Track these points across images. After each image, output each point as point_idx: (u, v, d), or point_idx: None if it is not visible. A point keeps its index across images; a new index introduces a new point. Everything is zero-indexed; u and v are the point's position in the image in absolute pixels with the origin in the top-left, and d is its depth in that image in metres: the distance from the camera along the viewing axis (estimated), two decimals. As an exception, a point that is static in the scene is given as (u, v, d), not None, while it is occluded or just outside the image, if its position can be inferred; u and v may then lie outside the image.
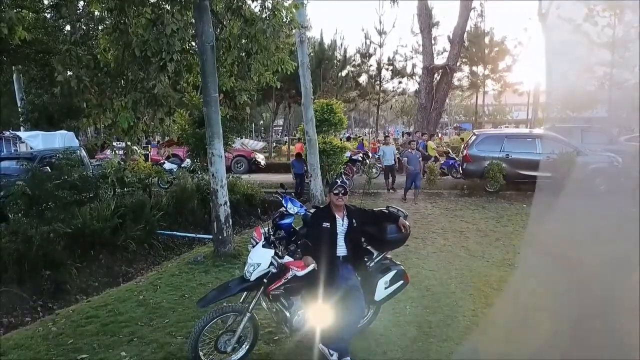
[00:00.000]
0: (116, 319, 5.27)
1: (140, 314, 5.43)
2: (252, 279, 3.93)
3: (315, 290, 4.05)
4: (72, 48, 6.12)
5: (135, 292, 6.22)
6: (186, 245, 9.83)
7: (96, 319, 5.35)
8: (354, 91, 31.63)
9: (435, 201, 12.56)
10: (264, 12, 7.32)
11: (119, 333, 4.93)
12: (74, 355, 4.45)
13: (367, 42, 29.83)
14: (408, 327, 4.88)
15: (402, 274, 4.46)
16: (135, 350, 4.52)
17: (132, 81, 6.98)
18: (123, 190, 10.49)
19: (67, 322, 5.33)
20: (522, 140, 13.48)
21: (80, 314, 5.55)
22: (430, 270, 6.76)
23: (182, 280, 6.59)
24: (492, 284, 6.12)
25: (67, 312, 5.70)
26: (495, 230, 9.17)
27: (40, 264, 7.42)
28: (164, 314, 5.40)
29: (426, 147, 17.19)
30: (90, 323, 5.23)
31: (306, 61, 11.66)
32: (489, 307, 5.36)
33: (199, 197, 11.37)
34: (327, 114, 13.84)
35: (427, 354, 4.26)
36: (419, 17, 20.55)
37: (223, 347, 3.97)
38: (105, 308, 5.67)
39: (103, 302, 5.93)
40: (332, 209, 4.28)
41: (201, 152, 12.47)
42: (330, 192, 4.29)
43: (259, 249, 4.03)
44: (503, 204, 11.83)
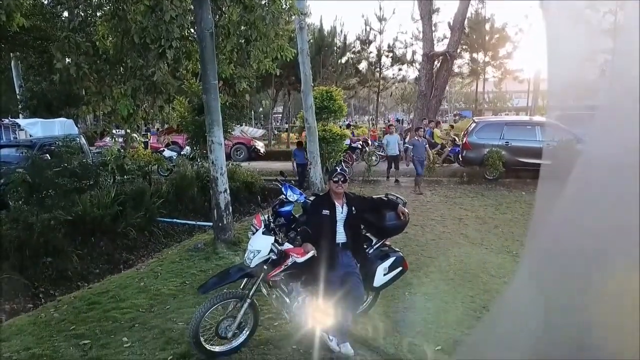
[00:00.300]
0: (118, 305, 5.32)
1: (142, 300, 5.48)
2: (252, 265, 3.97)
3: (315, 276, 4.09)
4: (70, 35, 6.08)
5: (136, 279, 6.27)
6: (186, 232, 9.86)
7: (98, 305, 5.40)
8: (354, 78, 31.43)
9: (435, 189, 12.59)
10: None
11: (121, 319, 4.98)
12: (77, 341, 4.51)
13: (367, 29, 29.61)
14: (406, 313, 4.93)
15: (401, 260, 4.49)
16: (137, 335, 4.58)
17: (131, 68, 6.95)
18: (123, 177, 10.50)
19: (69, 308, 5.38)
20: (521, 128, 13.45)
21: (82, 300, 5.60)
22: (429, 257, 6.81)
23: (182, 267, 6.64)
24: (490, 271, 6.17)
25: (69, 299, 5.76)
26: (494, 217, 9.21)
27: (41, 251, 7.45)
28: (165, 301, 5.45)
29: (432, 135, 17.09)
30: (92, 309, 5.28)
31: (306, 48, 11.60)
32: (487, 293, 5.41)
33: (199, 184, 11.39)
34: (327, 101, 13.79)
35: (426, 340, 4.31)
36: (419, 3, 20.37)
37: (224, 332, 4.02)
38: (106, 294, 5.72)
39: (104, 288, 5.99)
40: (332, 197, 4.30)
41: (201, 139, 12.44)
42: (330, 180, 4.31)
43: (259, 236, 4.06)
44: (502, 192, 11.86)
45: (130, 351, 4.28)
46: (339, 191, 4.23)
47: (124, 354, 4.23)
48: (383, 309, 4.97)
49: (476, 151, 13.31)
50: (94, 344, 4.44)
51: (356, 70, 30.68)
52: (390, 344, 4.26)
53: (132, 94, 6.45)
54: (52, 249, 7.60)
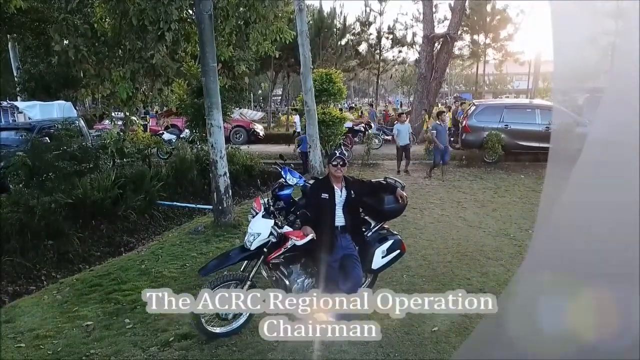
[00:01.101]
0: (119, 288, 5.39)
1: (143, 282, 5.55)
2: (252, 248, 4.02)
3: (314, 259, 4.15)
4: (68, 17, 6.03)
5: (137, 261, 6.34)
6: (186, 215, 9.90)
7: (100, 287, 5.47)
8: (354, 60, 31.24)
9: (434, 172, 12.60)
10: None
11: (122, 301, 5.05)
12: (80, 322, 4.58)
13: (367, 10, 29.34)
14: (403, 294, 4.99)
15: (399, 243, 4.54)
16: (138, 317, 4.64)
17: (130, 51, 6.92)
18: (122, 160, 10.51)
19: (72, 290, 5.45)
20: (521, 111, 13.42)
21: (84, 282, 5.68)
22: (427, 240, 6.86)
23: (183, 250, 6.70)
24: (487, 253, 6.23)
25: (71, 281, 5.83)
26: (493, 200, 9.25)
27: (42, 234, 7.50)
28: (166, 283, 5.51)
29: (463, 116, 16.80)
30: (94, 291, 5.36)
31: (305, 30, 11.49)
32: (484, 275, 5.48)
33: (199, 167, 11.40)
34: (327, 83, 13.71)
35: (421, 320, 4.38)
36: (420, -16, 20.15)
37: (224, 314, 4.09)
38: (108, 277, 5.79)
39: (106, 271, 6.06)
40: (331, 180, 4.33)
41: (200, 122, 12.41)
42: (329, 164, 4.33)
43: (259, 219, 4.10)
44: (501, 175, 11.89)
45: (132, 332, 4.35)
46: (338, 175, 4.25)
47: (127, 335, 4.30)
48: (381, 290, 5.03)
49: (475, 134, 13.31)
50: (97, 325, 4.52)
51: (356, 52, 30.47)
52: (389, 326, 4.33)
53: (131, 76, 6.43)
54: (53, 231, 7.65)
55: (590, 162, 1.94)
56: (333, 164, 4.25)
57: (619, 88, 1.93)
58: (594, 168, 1.97)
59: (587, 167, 1.95)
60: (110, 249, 8.06)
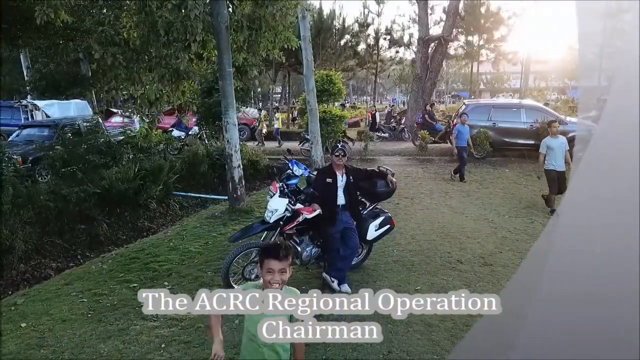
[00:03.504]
0: (155, 260, 6.39)
1: (173, 256, 6.54)
2: (271, 221, 5.02)
3: (321, 230, 5.15)
4: (106, 29, 7.00)
5: (166, 240, 7.34)
6: (199, 205, 10.84)
7: (138, 260, 6.47)
8: (352, 60, 32.17)
9: (426, 166, 13.63)
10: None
11: (159, 269, 6.05)
12: (127, 285, 5.58)
13: (365, 12, 30.30)
14: (394, 265, 6.00)
15: (389, 219, 5.56)
16: (174, 281, 5.65)
17: (156, 57, 7.87)
18: (141, 155, 11.46)
19: (114, 262, 6.45)
20: (507, 110, 14.45)
21: (124, 256, 6.67)
22: (416, 223, 7.87)
23: (203, 231, 7.70)
24: (467, 233, 7.24)
25: (112, 255, 6.83)
26: (477, 191, 10.27)
27: (76, 219, 8.47)
28: (193, 257, 6.51)
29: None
30: (133, 263, 6.35)
31: (307, 35, 12.46)
32: (462, 250, 6.49)
33: (209, 161, 12.35)
34: (327, 84, 14.73)
35: (407, 282, 5.39)
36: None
37: (248, 275, 5.09)
38: (143, 252, 6.79)
39: (140, 248, 7.06)
40: (334, 168, 5.33)
41: (209, 120, 13.39)
42: (332, 154, 5.33)
43: (276, 198, 5.11)
44: (488, 169, 12.89)
45: (172, 292, 5.34)
46: (339, 163, 5.25)
47: (168, 293, 5.29)
48: (375, 262, 6.05)
49: (465, 131, 14.28)
50: (141, 286, 5.51)
51: (354, 52, 31.38)
52: (380, 286, 5.33)
53: (159, 80, 7.39)
54: (84, 217, 8.61)
55: (594, 161, 1.92)
56: (335, 154, 5.24)
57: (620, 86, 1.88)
58: (598, 166, 1.93)
59: (591, 166, 1.94)
60: (134, 234, 9.00)
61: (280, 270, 2.44)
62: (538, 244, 2.41)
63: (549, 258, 2.02)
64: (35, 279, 6.38)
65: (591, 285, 1.93)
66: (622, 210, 1.84)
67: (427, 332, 4.30)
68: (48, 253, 7.49)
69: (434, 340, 4.17)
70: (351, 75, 36.23)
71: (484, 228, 7.53)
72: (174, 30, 6.82)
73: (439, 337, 4.21)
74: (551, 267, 1.99)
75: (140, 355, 4.04)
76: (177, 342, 4.22)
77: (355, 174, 5.42)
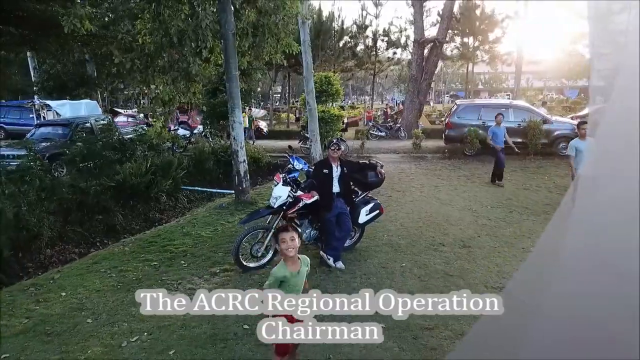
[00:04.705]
0: (171, 243, 7.16)
1: (187, 240, 7.32)
2: (275, 206, 5.80)
3: (318, 215, 5.93)
4: (125, 36, 7.78)
5: (179, 227, 8.11)
6: (205, 199, 11.63)
7: (155, 243, 7.24)
8: (351, 61, 32.95)
9: (419, 163, 14.41)
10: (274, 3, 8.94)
11: (175, 251, 6.82)
12: (148, 263, 6.36)
13: (363, 14, 31.08)
14: (384, 247, 6.78)
15: (378, 205, 6.34)
16: (190, 260, 6.43)
17: (168, 61, 8.65)
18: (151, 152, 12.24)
19: (134, 245, 7.23)
20: (496, 110, 15.16)
21: (143, 240, 7.45)
22: (405, 212, 8.64)
23: (213, 220, 8.48)
24: (451, 221, 8.02)
25: (131, 240, 7.61)
26: (465, 185, 11.05)
27: (94, 210, 9.24)
28: (205, 241, 7.28)
29: None
30: (152, 246, 7.13)
31: (307, 40, 13.24)
32: (445, 235, 7.27)
33: (214, 158, 13.14)
34: (326, 85, 15.51)
35: (394, 260, 6.17)
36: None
37: (255, 253, 5.87)
38: (159, 237, 7.56)
39: (156, 233, 7.83)
40: (330, 160, 6.10)
41: (214, 119, 14.16)
42: (329, 149, 6.10)
43: (280, 186, 5.88)
44: (477, 165, 13.68)
45: (188, 268, 6.13)
46: (334, 155, 6.03)
47: (185, 269, 6.08)
48: (367, 244, 6.82)
49: (457, 130, 15.10)
50: (161, 265, 6.28)
51: (353, 54, 32.16)
52: (370, 264, 6.11)
53: (172, 82, 8.17)
54: (101, 208, 9.38)
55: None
56: (332, 148, 6.02)
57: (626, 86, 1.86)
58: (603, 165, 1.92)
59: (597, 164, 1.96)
60: (146, 224, 9.77)
61: (290, 238, 3.29)
62: (543, 242, 2.40)
63: (561, 256, 2.01)
64: (61, 262, 7.17)
65: (598, 284, 1.91)
66: (624, 210, 1.83)
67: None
68: (70, 240, 8.26)
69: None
70: (350, 75, 36.99)
71: (467, 217, 8.31)
72: (186, 38, 7.59)
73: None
74: (562, 264, 1.98)
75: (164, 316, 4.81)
76: (197, 306, 4.99)
77: (349, 166, 6.21)
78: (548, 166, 13.53)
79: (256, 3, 8.62)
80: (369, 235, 7.04)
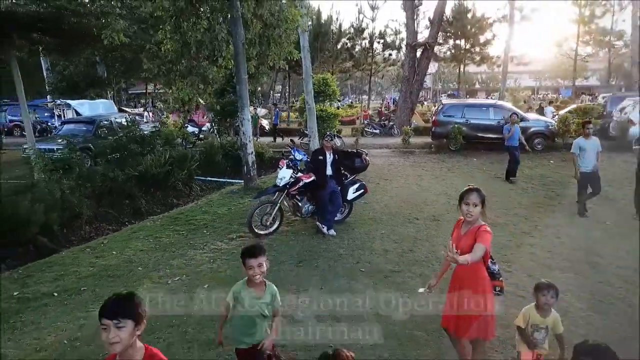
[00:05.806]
0: (193, 218, 8.66)
1: (207, 216, 8.81)
2: (280, 185, 7.30)
3: (315, 192, 7.44)
4: (152, 46, 9.26)
5: (198, 208, 9.62)
6: (215, 188, 13.08)
7: (180, 219, 8.74)
8: (349, 62, 34.41)
9: (408, 157, 15.90)
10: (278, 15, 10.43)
11: (197, 224, 8.32)
12: (177, 232, 7.87)
13: (360, 17, 32.58)
14: (368, 220, 8.27)
15: (363, 186, 7.87)
16: (210, 230, 7.92)
17: (186, 67, 10.14)
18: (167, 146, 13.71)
19: (163, 220, 8.74)
20: (478, 109, 16.73)
21: (168, 218, 8.95)
22: (389, 196, 10.13)
23: (226, 202, 9.98)
24: (427, 202, 9.51)
25: (159, 217, 9.10)
26: (445, 175, 12.54)
27: (122, 195, 10.72)
28: (222, 217, 8.76)
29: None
30: (177, 221, 8.63)
31: (307, 46, 14.69)
32: (420, 212, 8.76)
33: (223, 152, 14.60)
34: (323, 86, 17.02)
35: (375, 231, 7.66)
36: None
37: (265, 222, 7.37)
38: (182, 214, 9.06)
39: (179, 213, 9.34)
40: (324, 149, 7.59)
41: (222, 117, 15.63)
42: (324, 139, 7.60)
43: (284, 169, 7.39)
44: (459, 159, 15.14)
45: (210, 236, 7.62)
46: (328, 145, 7.52)
47: (208, 236, 7.58)
48: (355, 219, 8.31)
49: (442, 127, 16.57)
50: (188, 233, 7.78)
51: (350, 55, 33.61)
52: (357, 232, 7.59)
53: (191, 85, 9.66)
54: (127, 194, 10.87)
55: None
56: (326, 139, 7.53)
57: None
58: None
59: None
60: (165, 208, 11.26)
61: (258, 265, 2.92)
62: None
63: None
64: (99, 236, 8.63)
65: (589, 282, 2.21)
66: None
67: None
68: (104, 219, 9.73)
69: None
70: (347, 76, 38.48)
71: (442, 199, 9.79)
72: (204, 48, 9.08)
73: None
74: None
75: (195, 265, 6.30)
76: (220, 260, 6.49)
77: (340, 154, 7.72)
78: (523, 159, 14.98)
79: (262, 17, 10.09)
80: (357, 213, 8.52)
